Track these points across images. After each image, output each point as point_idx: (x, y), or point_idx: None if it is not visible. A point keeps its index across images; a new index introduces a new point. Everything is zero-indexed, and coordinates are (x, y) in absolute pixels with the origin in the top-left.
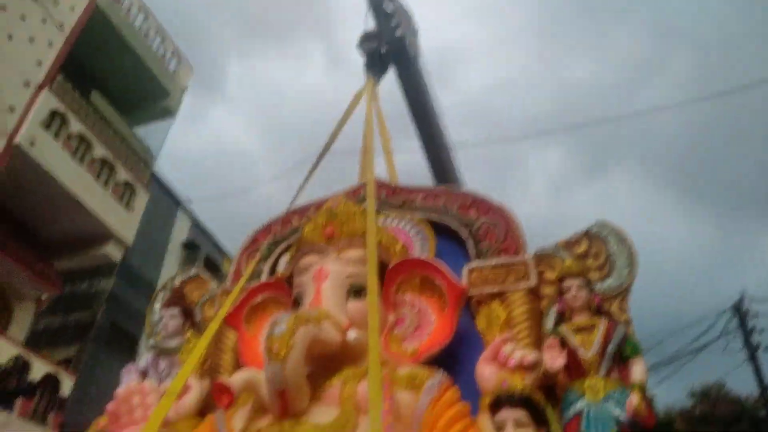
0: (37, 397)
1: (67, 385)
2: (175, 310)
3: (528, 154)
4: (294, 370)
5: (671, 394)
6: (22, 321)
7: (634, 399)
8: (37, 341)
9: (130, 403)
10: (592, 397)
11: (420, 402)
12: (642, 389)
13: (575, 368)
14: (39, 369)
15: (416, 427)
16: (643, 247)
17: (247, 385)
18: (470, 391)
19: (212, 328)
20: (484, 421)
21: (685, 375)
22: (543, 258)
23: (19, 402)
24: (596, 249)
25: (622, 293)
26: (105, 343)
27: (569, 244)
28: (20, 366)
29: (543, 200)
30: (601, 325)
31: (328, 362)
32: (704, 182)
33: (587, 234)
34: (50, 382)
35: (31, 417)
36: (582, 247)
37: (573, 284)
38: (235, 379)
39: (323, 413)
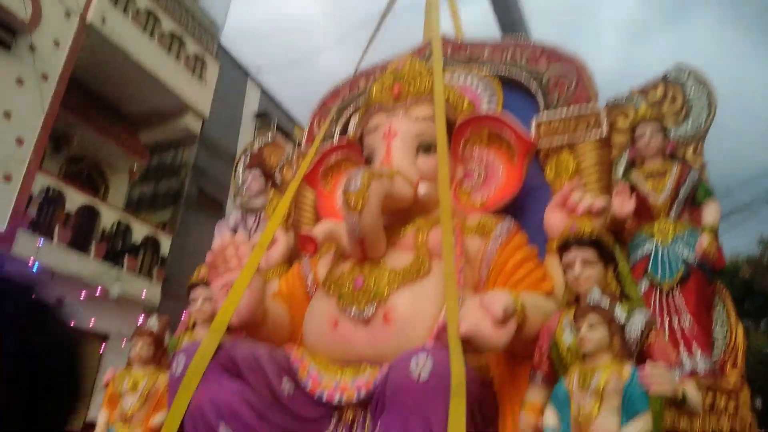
0: (141, 255)
1: (165, 244)
2: (257, 172)
3: (600, 2)
4: (370, 220)
5: (740, 242)
6: (119, 190)
7: (704, 240)
8: (134, 208)
9: (225, 254)
10: (661, 239)
11: (489, 246)
12: (713, 231)
13: (645, 213)
14: (139, 231)
15: (486, 270)
16: (723, 92)
17: (329, 234)
18: (538, 240)
19: (294, 185)
20: (552, 263)
21: (755, 224)
22: (615, 106)
23: (126, 259)
24: (673, 94)
25: (698, 138)
26: (194, 207)
27: (644, 91)
28: (123, 229)
29: (615, 52)
30: (674, 169)
31: (402, 215)
32: None
33: (664, 79)
34: (150, 242)
35: (138, 272)
36: (658, 93)
37: (646, 130)
38: (319, 229)
39: (399, 258)
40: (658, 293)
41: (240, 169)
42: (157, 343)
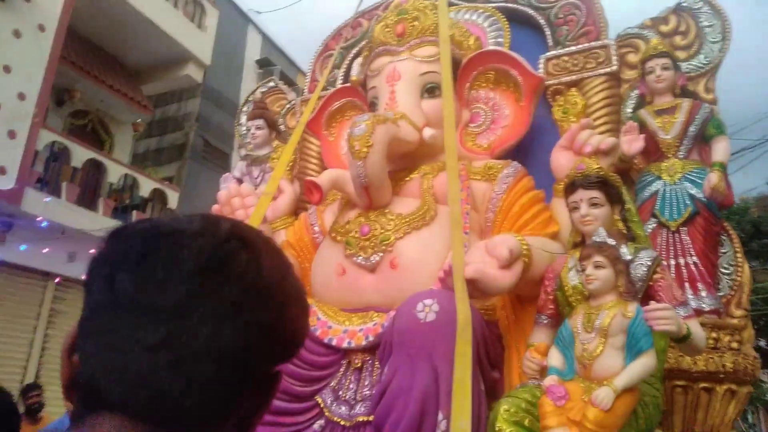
0: (150, 209)
1: (173, 198)
2: (260, 121)
3: None
4: (375, 166)
5: (750, 181)
6: (124, 144)
7: (713, 177)
8: (140, 162)
9: (231, 204)
10: (669, 177)
11: (496, 189)
12: (723, 168)
13: (653, 151)
14: (146, 185)
15: (492, 214)
16: (739, 23)
17: (334, 182)
18: (545, 182)
19: (297, 133)
20: (559, 205)
21: (765, 162)
22: (625, 40)
23: (135, 215)
24: (685, 25)
25: (710, 71)
26: (200, 160)
27: (655, 22)
28: (130, 184)
29: None
30: (685, 105)
31: (407, 160)
32: None
33: (676, 9)
34: (158, 196)
35: None
36: (670, 25)
37: (657, 64)
38: (323, 177)
39: (405, 204)
40: (665, 233)
41: (243, 119)
42: None
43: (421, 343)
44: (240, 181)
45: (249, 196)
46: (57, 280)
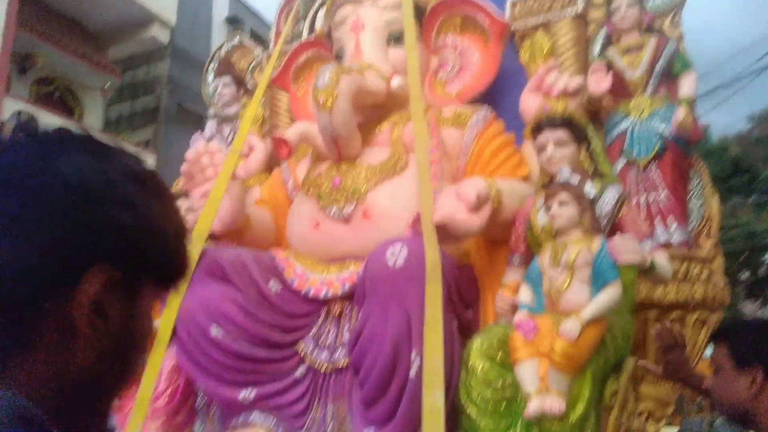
0: None
1: (149, 163)
2: (227, 79)
3: None
4: (341, 117)
5: (729, 118)
6: (94, 111)
7: (680, 113)
8: (113, 129)
9: (200, 163)
10: (637, 115)
11: (466, 136)
12: (689, 103)
13: (622, 91)
14: None
15: (463, 161)
16: None
17: (302, 135)
18: (515, 126)
19: (261, 87)
20: (529, 148)
21: (744, 99)
22: None
23: None
24: None
25: (676, 7)
26: (174, 123)
27: None
28: None
29: None
30: (651, 42)
31: (377, 110)
32: None
33: None
34: None
35: None
36: None
37: (622, 3)
38: (291, 132)
39: (375, 155)
40: (634, 171)
41: (209, 78)
42: None
43: (391, 289)
44: (210, 141)
45: (217, 154)
46: None
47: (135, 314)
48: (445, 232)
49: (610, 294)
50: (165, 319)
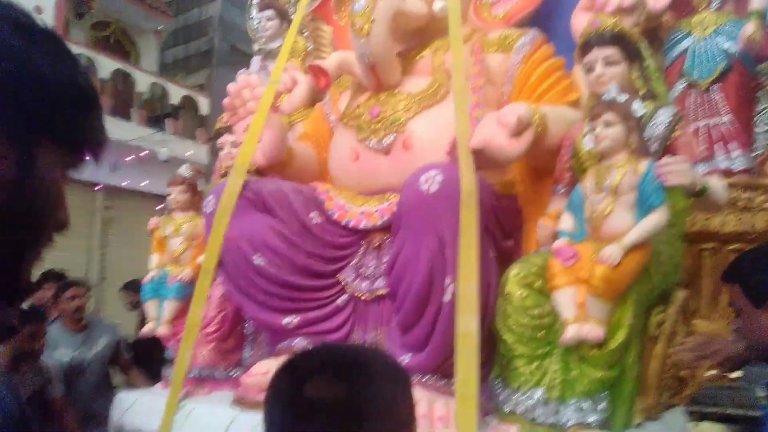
0: (182, 117)
1: (204, 105)
2: (269, 12)
3: None
4: (379, 43)
5: None
6: (149, 53)
7: (749, 27)
8: (170, 71)
9: (242, 97)
10: (700, 32)
11: (512, 60)
12: (761, 16)
13: (684, 6)
14: (176, 93)
15: (509, 86)
16: None
17: (341, 64)
18: (567, 51)
19: (298, 16)
20: (578, 72)
21: None
22: None
23: (169, 123)
24: None
25: None
26: (227, 65)
27: None
28: (159, 92)
29: None
30: None
31: (419, 37)
32: None
33: None
34: (189, 103)
35: (182, 134)
36: None
37: None
38: (329, 61)
39: (416, 83)
40: (694, 94)
41: (253, 12)
42: (192, 189)
43: (425, 215)
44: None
45: (258, 87)
46: (98, 187)
47: (32, 173)
48: (483, 158)
49: (655, 220)
50: (210, 248)
